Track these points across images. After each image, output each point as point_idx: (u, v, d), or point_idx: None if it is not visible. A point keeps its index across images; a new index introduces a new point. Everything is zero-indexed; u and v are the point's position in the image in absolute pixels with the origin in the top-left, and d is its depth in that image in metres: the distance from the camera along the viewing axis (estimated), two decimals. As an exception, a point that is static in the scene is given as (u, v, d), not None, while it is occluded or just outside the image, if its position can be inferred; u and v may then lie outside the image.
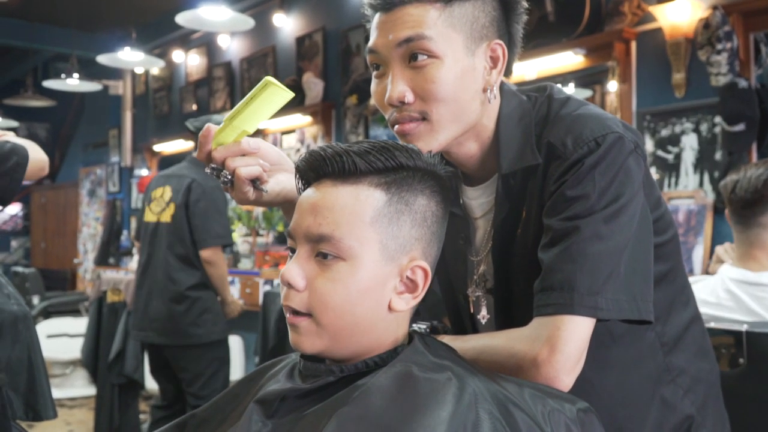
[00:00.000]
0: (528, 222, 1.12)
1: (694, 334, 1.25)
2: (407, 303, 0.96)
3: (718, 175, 3.51)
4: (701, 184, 3.62)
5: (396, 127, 1.10)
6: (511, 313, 1.18)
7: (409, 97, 1.07)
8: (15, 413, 1.93)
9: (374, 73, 1.14)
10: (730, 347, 1.94)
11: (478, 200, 1.21)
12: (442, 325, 1.19)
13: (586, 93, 4.37)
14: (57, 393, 5.62)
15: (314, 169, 0.96)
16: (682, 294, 1.24)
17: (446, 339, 1.10)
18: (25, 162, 2.07)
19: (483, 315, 1.23)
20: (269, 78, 1.01)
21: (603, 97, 4.05)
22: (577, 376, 1.01)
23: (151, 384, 4.28)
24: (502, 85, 1.17)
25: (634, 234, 1.04)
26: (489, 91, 1.11)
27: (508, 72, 1.16)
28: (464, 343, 1.08)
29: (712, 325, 1.98)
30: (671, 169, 3.74)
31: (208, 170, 1.09)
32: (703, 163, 3.62)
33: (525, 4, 1.15)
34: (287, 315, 0.94)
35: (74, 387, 5.68)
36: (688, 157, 3.67)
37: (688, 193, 3.66)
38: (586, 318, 1.00)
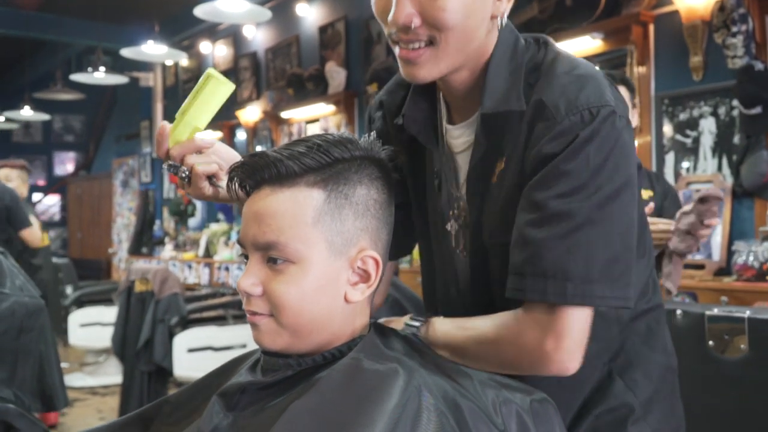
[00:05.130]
0: (504, 174, 1.08)
1: (650, 323, 1.21)
2: (362, 293, 0.99)
3: (736, 159, 3.47)
4: (720, 168, 3.58)
5: (399, 51, 1.08)
6: (486, 254, 1.14)
7: (416, 22, 1.04)
8: (29, 406, 2.00)
9: None
10: (733, 333, 1.93)
11: (460, 139, 1.17)
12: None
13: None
14: (90, 381, 5.74)
15: (251, 177, 0.98)
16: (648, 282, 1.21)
17: (446, 323, 1.09)
18: None
19: (461, 249, 1.20)
20: (210, 70, 1.04)
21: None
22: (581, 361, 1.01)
23: (179, 371, 4.35)
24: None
25: (633, 217, 1.02)
26: (499, 18, 1.08)
27: None
28: (464, 331, 1.06)
29: (716, 311, 1.97)
30: (690, 153, 3.70)
31: (165, 167, 1.13)
32: (721, 146, 3.58)
33: None
34: (248, 315, 0.98)
35: (107, 375, 5.79)
36: (707, 140, 3.63)
37: (706, 177, 3.61)
38: (585, 307, 0.99)
